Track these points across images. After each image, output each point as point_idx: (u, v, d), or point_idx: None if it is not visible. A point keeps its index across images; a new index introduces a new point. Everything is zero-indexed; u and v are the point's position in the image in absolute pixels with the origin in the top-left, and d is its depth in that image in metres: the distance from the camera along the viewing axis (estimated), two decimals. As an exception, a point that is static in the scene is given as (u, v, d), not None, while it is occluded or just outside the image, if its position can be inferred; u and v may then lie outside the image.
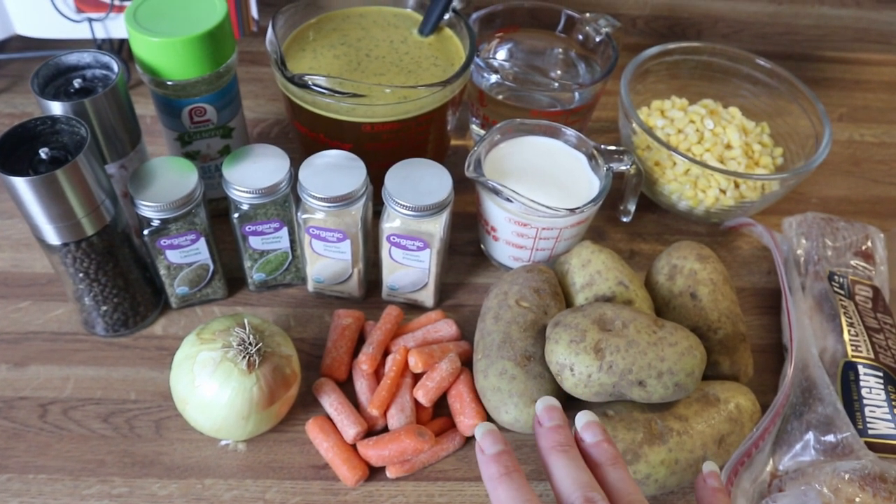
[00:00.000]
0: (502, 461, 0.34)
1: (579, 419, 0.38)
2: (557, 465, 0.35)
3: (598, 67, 0.67)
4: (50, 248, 0.48)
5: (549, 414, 0.37)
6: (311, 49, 0.59)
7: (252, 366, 0.45)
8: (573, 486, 0.34)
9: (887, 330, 0.55)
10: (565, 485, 0.34)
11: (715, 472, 0.38)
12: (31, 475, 0.48)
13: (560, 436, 0.36)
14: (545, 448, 0.36)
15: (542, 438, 0.36)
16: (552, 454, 0.35)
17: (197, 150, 0.56)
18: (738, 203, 0.61)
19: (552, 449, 0.35)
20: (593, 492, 0.33)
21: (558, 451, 0.35)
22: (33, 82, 0.47)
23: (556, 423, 0.37)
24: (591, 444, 0.37)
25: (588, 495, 0.33)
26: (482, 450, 0.35)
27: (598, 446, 0.36)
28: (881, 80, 0.84)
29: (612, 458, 0.36)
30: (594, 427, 0.37)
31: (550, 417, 0.37)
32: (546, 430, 0.36)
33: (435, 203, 0.49)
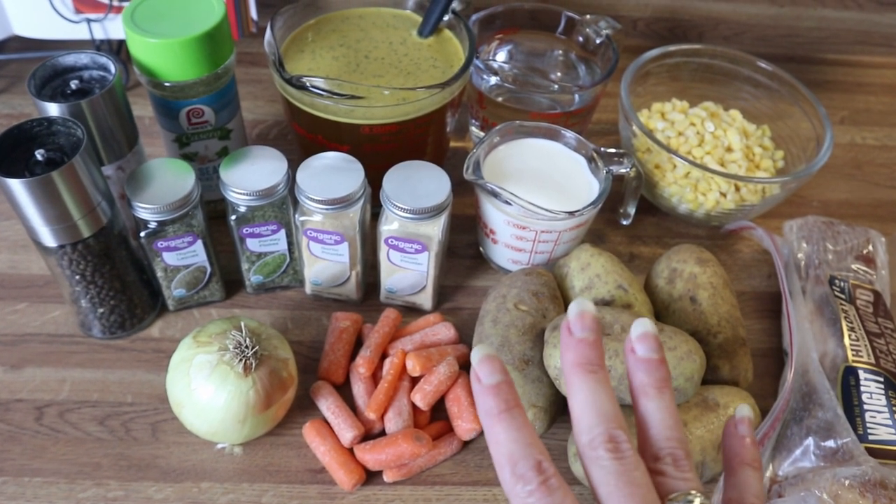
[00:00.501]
0: (502, 394, 0.28)
1: (636, 327, 0.31)
2: (581, 388, 0.29)
3: (598, 69, 0.67)
4: (46, 250, 0.47)
5: (583, 322, 0.30)
6: (310, 50, 0.58)
7: (248, 369, 0.45)
8: (596, 418, 0.28)
9: (888, 335, 0.55)
10: (587, 414, 0.29)
11: (748, 417, 0.32)
12: (27, 478, 0.47)
13: (591, 352, 0.29)
14: (569, 363, 0.30)
15: (568, 351, 0.30)
16: (576, 373, 0.29)
17: (195, 152, 0.56)
18: (738, 206, 0.61)
19: (578, 367, 0.29)
20: (619, 429, 0.28)
21: (585, 370, 0.29)
22: (30, 83, 0.47)
23: (591, 335, 0.30)
24: (643, 359, 0.30)
25: (612, 433, 0.28)
26: (478, 378, 0.29)
27: (649, 363, 0.30)
28: (883, 82, 0.83)
29: (660, 382, 0.30)
30: (651, 340, 0.30)
31: (584, 327, 0.30)
32: (575, 341, 0.30)
33: (433, 206, 0.49)
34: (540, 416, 0.47)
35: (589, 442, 0.28)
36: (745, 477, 0.31)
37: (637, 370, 0.31)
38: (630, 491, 0.27)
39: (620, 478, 0.27)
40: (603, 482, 0.28)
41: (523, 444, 0.28)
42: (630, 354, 0.31)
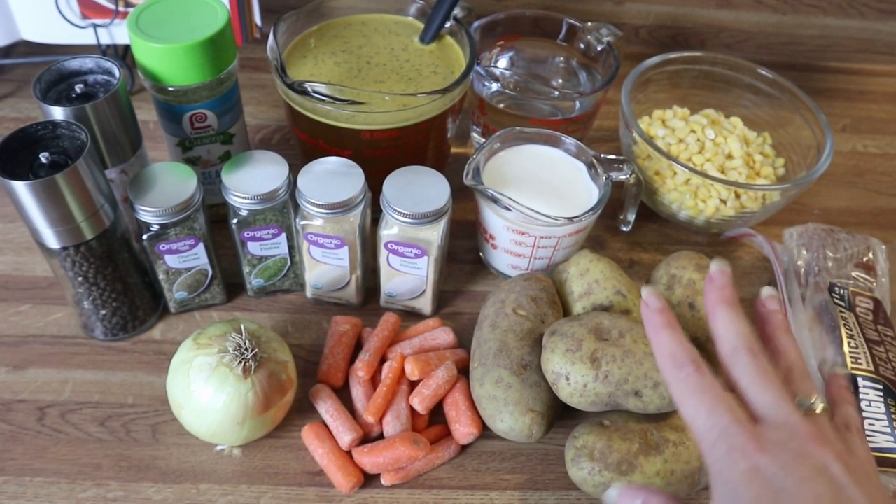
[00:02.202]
0: (666, 315, 0.37)
1: (765, 290, 0.40)
2: (723, 316, 0.37)
3: (599, 76, 0.67)
4: (49, 252, 0.48)
5: (722, 276, 0.38)
6: (313, 56, 0.59)
7: (248, 371, 0.45)
8: (737, 334, 0.36)
9: (888, 342, 0.55)
10: (730, 332, 0.36)
11: (776, 296, 0.40)
12: (28, 478, 0.48)
13: (730, 294, 0.38)
14: (712, 300, 0.38)
15: (711, 292, 0.38)
16: (719, 306, 0.37)
17: (197, 156, 0.56)
18: (738, 213, 0.61)
19: (720, 301, 0.37)
20: (756, 345, 0.36)
21: (726, 304, 0.37)
22: (35, 87, 0.47)
23: (727, 284, 0.38)
24: (772, 312, 0.39)
25: (751, 345, 0.35)
26: (647, 304, 0.38)
27: (776, 315, 0.39)
28: (885, 90, 0.83)
29: (785, 327, 0.39)
30: (775, 301, 0.40)
31: (722, 279, 0.38)
32: (717, 286, 0.38)
33: (433, 211, 0.49)
34: (538, 421, 0.47)
35: (732, 350, 0.36)
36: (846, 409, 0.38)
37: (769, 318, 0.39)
38: (766, 381, 0.34)
39: (758, 371, 0.35)
40: (744, 375, 0.35)
41: (681, 346, 0.36)
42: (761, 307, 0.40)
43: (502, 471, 0.50)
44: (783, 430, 0.32)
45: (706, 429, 0.33)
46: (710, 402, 0.33)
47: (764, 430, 0.33)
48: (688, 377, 0.35)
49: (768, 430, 0.33)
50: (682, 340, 0.36)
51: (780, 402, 0.33)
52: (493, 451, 0.51)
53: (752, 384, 0.34)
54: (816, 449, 0.32)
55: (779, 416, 0.33)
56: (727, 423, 0.33)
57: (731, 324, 0.36)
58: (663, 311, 0.38)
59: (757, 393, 0.34)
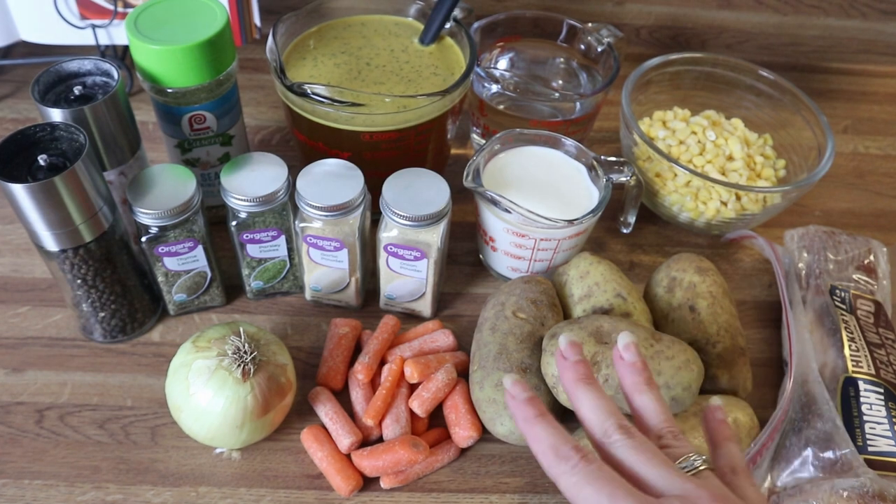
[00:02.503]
0: (536, 406, 0.36)
1: (621, 338, 0.39)
2: (586, 397, 0.37)
3: (599, 77, 0.67)
4: (48, 255, 0.48)
5: (573, 349, 0.39)
6: (312, 57, 0.59)
7: (247, 374, 0.45)
8: (605, 415, 0.36)
9: (889, 345, 0.54)
10: (596, 415, 0.36)
11: (720, 405, 0.40)
12: (27, 480, 0.48)
13: (585, 368, 0.38)
14: (570, 381, 0.38)
15: (567, 371, 0.38)
16: (579, 387, 0.37)
17: (197, 158, 0.56)
18: (739, 215, 0.61)
19: (578, 381, 0.37)
20: (623, 418, 0.36)
21: (585, 383, 0.37)
22: (34, 89, 0.47)
23: (580, 357, 0.39)
24: (630, 364, 0.38)
25: (620, 422, 0.35)
26: (512, 395, 0.37)
27: (634, 366, 0.38)
28: (887, 91, 0.83)
29: (648, 380, 0.38)
30: (634, 348, 0.39)
31: (574, 352, 0.39)
32: (571, 364, 0.38)
33: (432, 213, 0.49)
34: (537, 424, 0.47)
35: (603, 433, 0.35)
36: (728, 449, 0.38)
37: (627, 373, 0.39)
38: (649, 456, 0.34)
39: (638, 449, 0.34)
40: (627, 456, 0.34)
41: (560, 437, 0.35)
42: (619, 361, 0.39)
43: (502, 474, 0.50)
44: (687, 501, 0.32)
45: None
46: (610, 489, 0.32)
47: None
48: (575, 467, 0.33)
49: None
50: (559, 430, 0.35)
51: (670, 475, 0.33)
52: (492, 454, 0.51)
53: (637, 463, 0.34)
54: None
55: (675, 488, 0.33)
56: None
57: (594, 405, 0.36)
58: (532, 400, 0.37)
59: (646, 471, 0.34)
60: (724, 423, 0.39)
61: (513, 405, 0.37)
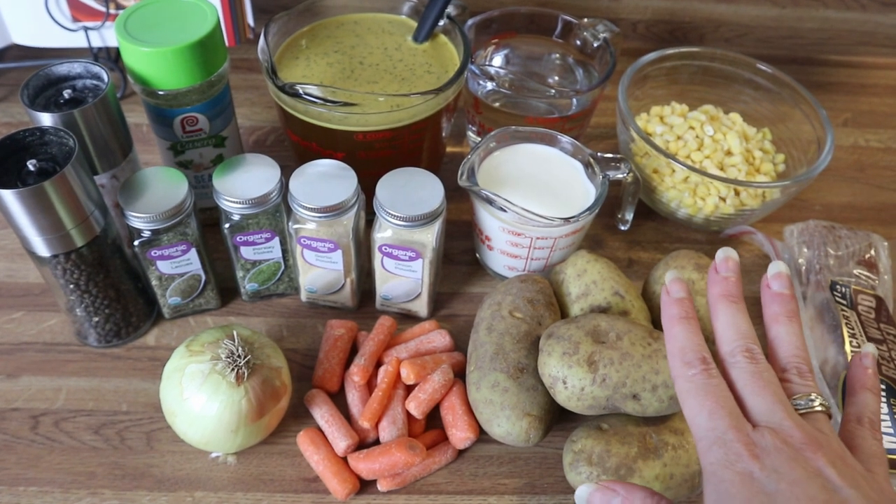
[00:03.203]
0: (684, 306, 0.38)
1: (772, 267, 0.39)
2: (724, 313, 0.37)
3: (595, 73, 0.66)
4: (40, 260, 0.47)
5: (727, 264, 0.39)
6: (305, 57, 0.58)
7: (241, 378, 0.45)
8: (736, 335, 0.36)
9: (890, 341, 0.54)
10: (729, 332, 0.37)
11: (872, 353, 0.39)
12: (22, 487, 0.47)
13: (733, 287, 0.38)
14: (714, 295, 0.38)
15: (714, 285, 0.38)
16: (721, 301, 0.38)
17: (190, 160, 0.56)
18: (738, 211, 0.60)
19: (722, 296, 0.38)
20: (753, 343, 0.36)
21: (728, 300, 0.37)
22: (23, 93, 0.47)
23: (733, 275, 0.39)
24: (777, 293, 0.38)
25: (749, 346, 0.36)
26: (668, 292, 0.39)
27: (782, 297, 0.38)
28: (887, 83, 0.82)
29: (790, 312, 0.38)
30: (784, 278, 0.39)
31: (727, 268, 0.39)
32: (721, 278, 0.38)
33: (426, 213, 0.49)
34: (535, 425, 0.47)
35: (730, 351, 0.36)
36: (864, 397, 0.38)
37: (772, 302, 0.38)
38: (762, 385, 0.35)
39: (754, 375, 0.35)
40: (740, 379, 0.35)
41: (694, 342, 0.36)
42: (765, 289, 0.39)
43: (500, 475, 0.49)
44: (777, 436, 0.33)
45: (705, 431, 0.34)
46: (712, 406, 0.34)
47: (759, 436, 0.33)
48: (694, 377, 0.35)
49: (763, 437, 0.33)
50: (695, 336, 0.37)
51: (774, 408, 0.34)
52: (490, 455, 0.50)
53: (747, 389, 0.35)
54: (810, 454, 0.32)
55: (773, 421, 0.33)
56: (725, 427, 0.33)
57: (731, 322, 0.37)
58: (683, 301, 0.38)
59: (752, 398, 0.35)
60: (866, 372, 0.39)
61: (664, 300, 0.39)
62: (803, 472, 0.31)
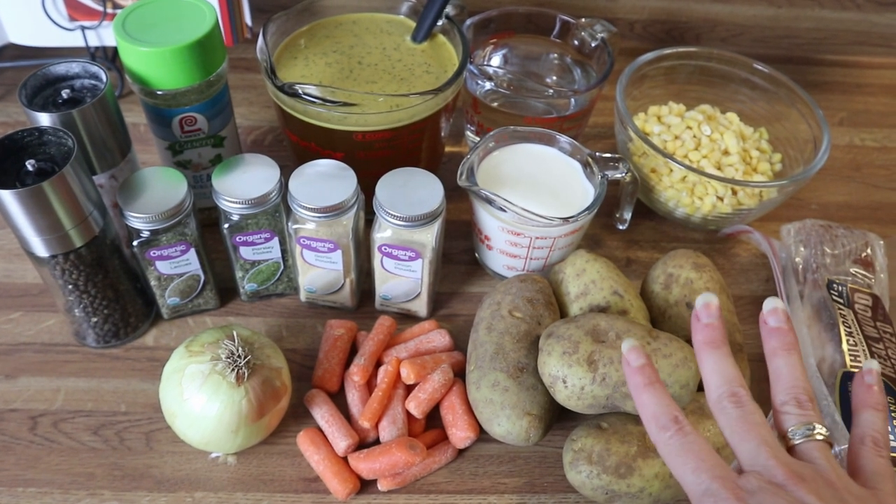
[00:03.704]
0: (647, 373, 0.38)
1: (768, 303, 0.39)
2: (709, 360, 0.38)
3: (593, 73, 0.66)
4: (38, 260, 0.47)
5: (708, 311, 0.39)
6: (303, 57, 0.58)
7: (241, 379, 0.45)
8: (722, 381, 0.37)
9: (887, 339, 0.54)
10: (715, 378, 0.37)
11: (876, 369, 0.39)
12: (21, 488, 0.47)
13: (716, 333, 0.38)
14: (699, 342, 0.38)
15: (698, 333, 0.39)
16: (705, 349, 0.38)
17: (188, 160, 0.56)
18: (735, 210, 0.60)
19: (706, 344, 0.38)
20: (740, 387, 0.36)
21: (712, 347, 0.38)
22: (21, 93, 0.47)
23: (715, 321, 0.39)
24: (774, 328, 0.38)
25: (734, 390, 0.36)
26: (628, 363, 0.39)
27: (779, 331, 0.38)
28: (882, 83, 0.83)
29: (788, 345, 0.38)
30: (780, 314, 0.39)
31: (709, 315, 0.39)
32: (703, 325, 0.39)
33: (426, 213, 0.49)
34: (535, 424, 0.47)
35: (717, 399, 0.37)
36: (867, 416, 0.38)
37: (770, 337, 0.39)
38: (747, 428, 0.35)
39: (740, 420, 0.36)
40: (727, 426, 0.36)
41: (664, 405, 0.37)
42: (763, 325, 0.39)
43: (500, 474, 0.49)
44: (762, 477, 0.34)
45: (692, 486, 0.35)
46: (694, 462, 0.35)
47: (745, 481, 0.34)
48: (671, 438, 0.36)
49: (748, 480, 0.34)
50: (663, 399, 0.37)
51: (759, 451, 0.35)
52: (490, 454, 0.50)
53: (735, 436, 0.36)
54: (792, 487, 0.33)
55: (757, 463, 0.34)
56: (710, 479, 0.34)
57: (716, 368, 0.37)
58: (644, 369, 0.38)
59: (739, 444, 0.35)
60: (871, 390, 0.39)
61: (627, 371, 0.39)
62: (785, 503, 0.32)
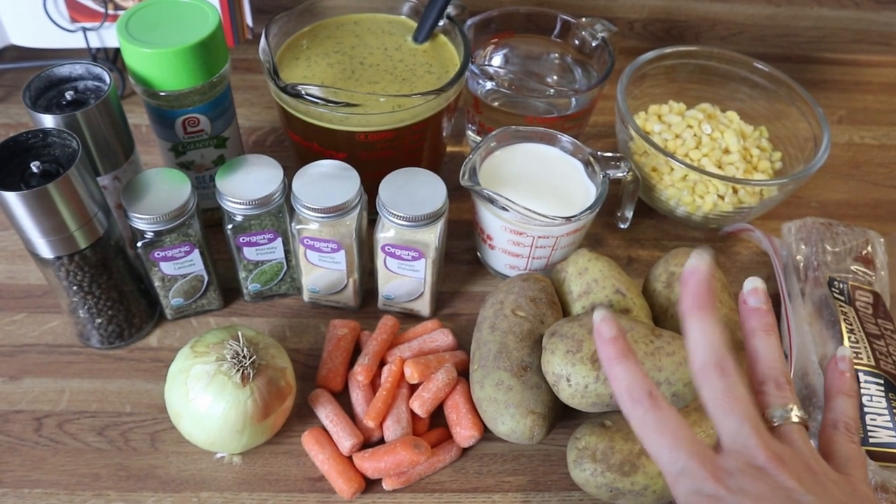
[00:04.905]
0: (619, 344, 0.36)
1: (748, 283, 0.38)
2: (695, 327, 0.36)
3: (594, 72, 0.67)
4: (43, 262, 0.47)
5: (696, 274, 0.37)
6: (305, 57, 0.58)
7: (246, 379, 0.45)
8: (707, 348, 0.35)
9: (888, 336, 0.55)
10: (699, 345, 0.35)
11: (848, 356, 0.39)
12: (27, 489, 0.47)
13: (702, 298, 0.36)
14: (685, 306, 0.36)
15: (685, 296, 0.37)
16: (691, 314, 0.36)
17: (191, 161, 0.56)
18: (736, 208, 0.61)
19: (693, 308, 0.36)
20: (726, 355, 0.34)
21: (699, 311, 0.36)
22: (25, 95, 0.47)
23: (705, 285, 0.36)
24: (754, 308, 0.37)
25: (720, 360, 0.34)
26: (599, 333, 0.37)
27: (759, 311, 0.37)
28: (881, 81, 0.83)
29: (767, 326, 0.37)
30: (760, 293, 0.38)
31: (697, 278, 0.37)
32: (692, 289, 0.37)
33: (429, 213, 0.49)
34: (539, 423, 0.47)
35: (701, 367, 0.35)
36: (840, 402, 0.38)
37: (749, 317, 0.38)
38: (731, 402, 0.34)
39: (725, 393, 0.34)
40: (711, 397, 0.34)
41: (638, 378, 0.35)
42: (743, 305, 0.38)
43: (504, 473, 0.50)
44: (741, 456, 0.33)
45: (668, 465, 0.34)
46: (670, 440, 0.34)
47: (723, 460, 0.33)
48: (646, 413, 0.34)
49: (728, 459, 0.33)
50: (637, 372, 0.36)
51: (741, 427, 0.33)
52: (494, 453, 0.50)
53: (717, 408, 0.34)
54: (773, 470, 0.32)
55: (738, 442, 0.33)
56: (686, 458, 0.33)
57: (702, 334, 0.35)
58: (617, 339, 0.37)
59: (721, 419, 0.34)
60: (843, 376, 0.38)
61: (598, 342, 0.37)
62: (767, 487, 0.32)
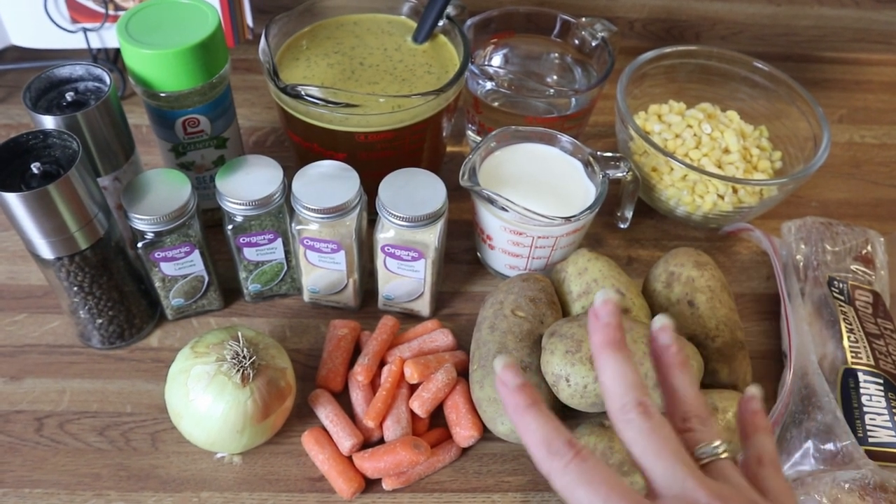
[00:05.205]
0: (527, 392, 0.33)
1: (656, 321, 0.37)
2: (609, 365, 0.33)
3: (594, 72, 0.67)
4: (44, 263, 0.48)
5: (606, 308, 0.35)
6: (305, 58, 0.58)
7: (246, 379, 0.45)
8: (626, 388, 0.33)
9: (888, 336, 0.55)
10: (617, 385, 0.33)
11: (756, 395, 0.38)
12: (27, 489, 0.47)
13: (616, 333, 0.34)
14: (597, 344, 0.34)
15: (596, 333, 0.34)
16: (604, 351, 0.34)
17: (191, 161, 0.56)
18: (736, 208, 0.61)
19: (605, 345, 0.34)
20: (645, 395, 0.33)
21: (612, 349, 0.34)
22: (25, 96, 0.47)
23: (614, 320, 0.34)
24: (666, 347, 0.36)
25: (641, 399, 0.33)
26: (504, 382, 0.34)
27: (669, 349, 0.36)
28: (881, 80, 0.83)
29: (680, 363, 0.36)
30: (667, 332, 0.36)
31: (608, 312, 0.35)
32: (602, 325, 0.34)
33: (429, 213, 0.49)
34: (538, 423, 0.47)
35: (621, 408, 0.33)
36: (758, 440, 0.36)
37: (663, 355, 0.36)
38: (661, 444, 0.32)
39: (651, 434, 0.32)
40: (636, 440, 0.32)
41: (553, 429, 0.32)
42: (654, 342, 0.37)
43: (504, 473, 0.50)
44: (681, 500, 0.31)
45: None
46: (605, 491, 0.31)
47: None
48: (568, 465, 0.31)
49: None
50: (551, 422, 0.32)
51: (675, 469, 0.31)
52: (494, 453, 0.51)
53: (644, 451, 0.32)
54: None
55: (674, 485, 0.31)
56: None
57: (617, 374, 0.33)
58: (524, 387, 0.33)
59: (652, 463, 0.32)
60: (758, 414, 0.37)
61: (503, 392, 0.34)
62: None
